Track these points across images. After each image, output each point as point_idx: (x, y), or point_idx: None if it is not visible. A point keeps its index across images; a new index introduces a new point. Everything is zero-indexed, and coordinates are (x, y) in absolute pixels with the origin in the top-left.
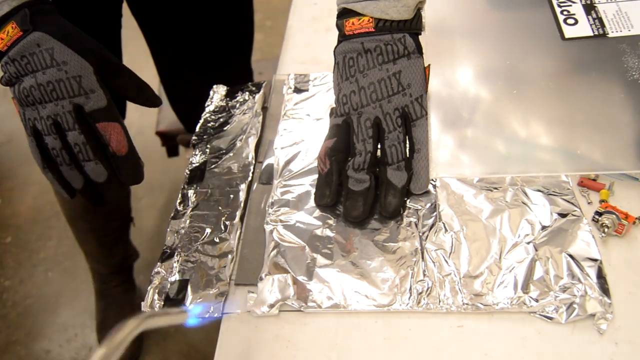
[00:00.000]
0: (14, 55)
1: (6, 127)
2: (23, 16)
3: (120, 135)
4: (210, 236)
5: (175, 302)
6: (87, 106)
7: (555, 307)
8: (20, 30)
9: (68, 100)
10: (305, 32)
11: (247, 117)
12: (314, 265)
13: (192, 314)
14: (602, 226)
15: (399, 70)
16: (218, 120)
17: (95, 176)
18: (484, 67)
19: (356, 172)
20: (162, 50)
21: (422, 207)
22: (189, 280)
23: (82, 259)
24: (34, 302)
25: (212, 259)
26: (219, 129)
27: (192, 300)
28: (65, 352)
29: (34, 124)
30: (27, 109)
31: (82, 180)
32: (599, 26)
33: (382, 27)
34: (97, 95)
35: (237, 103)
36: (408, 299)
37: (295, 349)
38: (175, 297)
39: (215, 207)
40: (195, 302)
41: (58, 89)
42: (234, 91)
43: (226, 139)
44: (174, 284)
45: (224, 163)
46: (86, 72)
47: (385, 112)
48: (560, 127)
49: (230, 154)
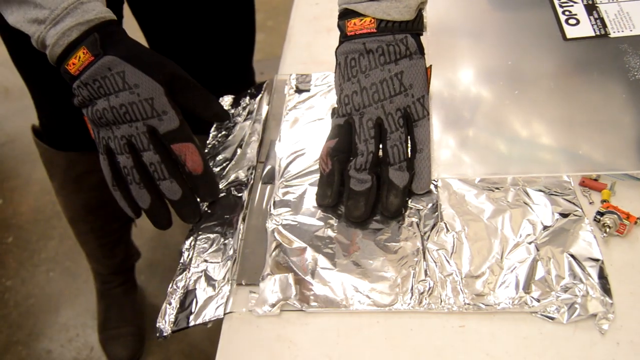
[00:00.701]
0: (87, 79)
1: (8, 127)
2: (93, 41)
3: (195, 154)
4: (216, 244)
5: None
6: (160, 128)
7: (556, 307)
8: (91, 55)
9: (142, 122)
10: (306, 32)
11: (249, 122)
12: (316, 265)
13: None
14: (604, 226)
15: (400, 71)
16: (222, 131)
17: (171, 194)
18: (485, 67)
19: (358, 172)
20: (163, 52)
21: (424, 207)
22: (195, 289)
23: (84, 259)
24: (36, 302)
25: (217, 264)
26: (223, 140)
27: (199, 307)
28: (66, 352)
29: (107, 143)
30: (101, 129)
31: (149, 199)
32: (601, 26)
33: (384, 28)
34: (170, 116)
35: (241, 109)
36: (410, 299)
37: (296, 348)
38: (184, 306)
39: (221, 215)
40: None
41: (131, 111)
42: (238, 99)
43: (231, 148)
44: (183, 295)
45: (229, 173)
46: (157, 94)
47: (387, 113)
48: (561, 127)
49: (233, 162)
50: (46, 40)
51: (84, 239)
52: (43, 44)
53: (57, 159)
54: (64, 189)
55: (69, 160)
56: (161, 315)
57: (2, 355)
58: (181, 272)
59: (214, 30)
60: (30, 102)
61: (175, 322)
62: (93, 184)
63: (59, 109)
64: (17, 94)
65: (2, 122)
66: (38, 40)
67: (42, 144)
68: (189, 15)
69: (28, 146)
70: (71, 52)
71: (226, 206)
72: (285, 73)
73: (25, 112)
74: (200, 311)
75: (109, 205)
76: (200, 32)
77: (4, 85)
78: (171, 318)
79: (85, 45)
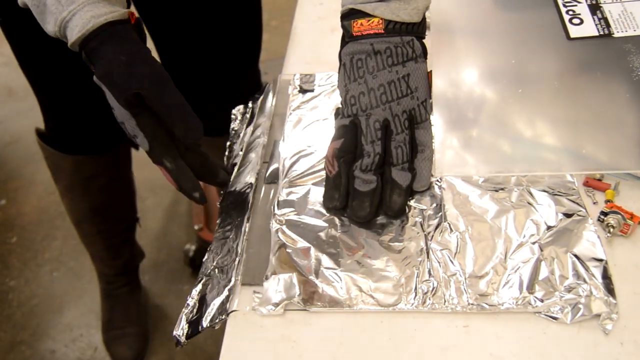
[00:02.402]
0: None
1: (12, 127)
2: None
3: (167, 177)
4: (227, 247)
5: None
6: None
7: (560, 307)
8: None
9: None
10: (310, 32)
11: (253, 124)
12: (320, 265)
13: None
14: (608, 226)
15: (407, 73)
16: (234, 141)
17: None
18: (489, 66)
19: (364, 173)
20: (170, 54)
21: (428, 207)
22: (206, 294)
23: (87, 259)
24: (39, 302)
25: (225, 266)
26: (231, 150)
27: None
28: (70, 352)
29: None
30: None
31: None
32: (605, 26)
33: (392, 30)
34: (140, 140)
35: (247, 114)
36: (413, 299)
37: (300, 348)
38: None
39: (232, 222)
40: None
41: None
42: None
43: (239, 154)
44: (198, 301)
45: (239, 177)
46: (127, 119)
47: (394, 114)
48: (565, 126)
49: (241, 168)
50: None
51: (89, 241)
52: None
53: (63, 163)
54: (70, 192)
55: (75, 163)
56: (178, 324)
57: (6, 355)
58: (200, 280)
59: (221, 34)
60: (34, 102)
61: (189, 328)
62: (100, 186)
63: (66, 113)
64: (21, 94)
65: (6, 122)
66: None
67: (48, 148)
68: (196, 18)
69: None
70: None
71: (240, 210)
72: (289, 73)
73: (29, 113)
74: (209, 314)
75: (114, 207)
76: (208, 34)
77: (8, 85)
78: (185, 326)
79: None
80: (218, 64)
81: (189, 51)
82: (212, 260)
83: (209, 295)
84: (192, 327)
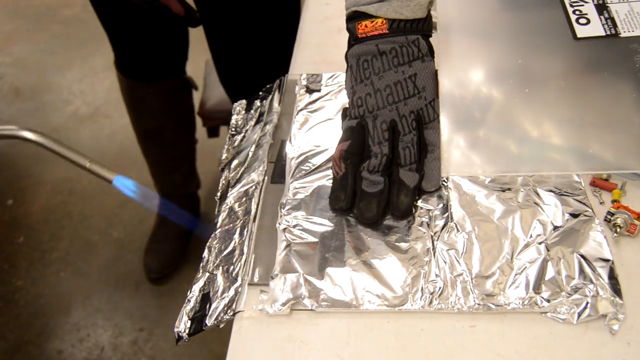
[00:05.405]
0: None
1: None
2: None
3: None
4: (231, 246)
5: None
6: None
7: (567, 307)
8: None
9: None
10: (317, 32)
11: (260, 124)
12: (326, 265)
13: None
14: (615, 226)
15: (414, 73)
16: (236, 139)
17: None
18: (495, 66)
19: (371, 174)
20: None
21: (434, 208)
22: (209, 292)
23: (94, 259)
24: (46, 302)
25: (231, 265)
26: (238, 145)
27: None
28: (77, 352)
29: None
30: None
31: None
32: (611, 26)
33: (396, 29)
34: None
35: (253, 111)
36: (420, 299)
37: (307, 348)
38: (200, 309)
39: (237, 217)
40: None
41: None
42: (251, 102)
43: (244, 152)
44: (200, 298)
45: (243, 176)
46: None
47: (402, 115)
48: (572, 126)
49: (246, 165)
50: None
51: (145, 159)
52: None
53: (122, 84)
54: (128, 112)
55: (129, 85)
56: (179, 320)
57: (13, 355)
58: (200, 276)
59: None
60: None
61: (192, 325)
62: (148, 111)
63: (125, 45)
64: (28, 94)
65: (13, 122)
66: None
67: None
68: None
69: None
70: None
71: (243, 208)
72: (296, 73)
73: (36, 113)
74: (214, 312)
75: (165, 133)
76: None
77: (15, 85)
78: (188, 322)
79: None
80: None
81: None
82: (214, 257)
83: (212, 293)
84: (195, 324)
